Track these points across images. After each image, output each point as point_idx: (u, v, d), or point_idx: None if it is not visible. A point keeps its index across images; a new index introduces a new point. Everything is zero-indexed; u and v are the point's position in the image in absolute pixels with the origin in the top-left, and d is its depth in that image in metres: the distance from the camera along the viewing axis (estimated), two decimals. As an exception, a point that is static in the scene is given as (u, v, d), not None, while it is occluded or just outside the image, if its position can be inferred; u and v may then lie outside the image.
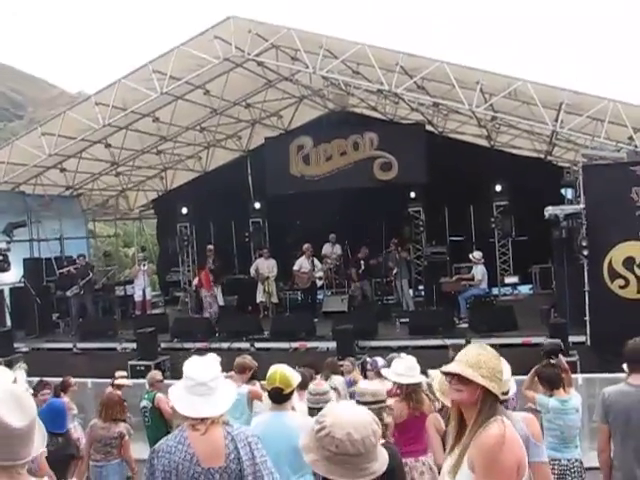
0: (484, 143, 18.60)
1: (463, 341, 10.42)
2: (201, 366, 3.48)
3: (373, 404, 4.51)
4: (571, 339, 11.41)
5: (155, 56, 13.80)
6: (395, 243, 16.31)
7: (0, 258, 14.40)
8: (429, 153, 17.06)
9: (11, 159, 15.29)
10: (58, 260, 17.74)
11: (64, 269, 16.76)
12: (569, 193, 14.55)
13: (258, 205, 19.49)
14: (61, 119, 14.75)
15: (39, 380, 8.40)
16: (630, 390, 4.56)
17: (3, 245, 14.63)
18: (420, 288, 17.98)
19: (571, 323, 11.64)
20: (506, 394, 4.06)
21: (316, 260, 16.85)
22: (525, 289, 18.59)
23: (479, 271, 14.82)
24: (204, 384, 3.37)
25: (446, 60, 12.60)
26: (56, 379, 8.91)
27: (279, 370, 4.61)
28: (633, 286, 11.49)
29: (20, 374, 7.35)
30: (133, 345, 14.01)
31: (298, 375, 4.82)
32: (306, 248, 16.64)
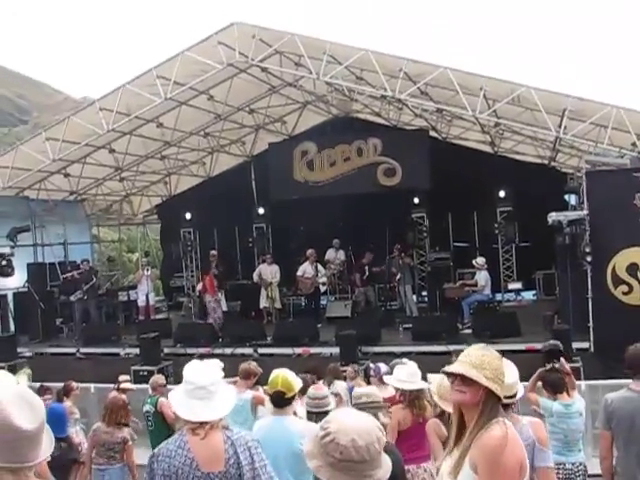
0: (488, 149, 18.59)
1: (466, 347, 10.37)
2: (201, 370, 3.48)
3: (369, 404, 4.51)
4: (574, 345, 11.37)
5: (159, 62, 13.81)
6: (398, 249, 16.28)
7: (4, 263, 14.39)
8: (433, 159, 17.02)
9: (15, 164, 15.29)
10: (62, 265, 17.76)
11: (68, 274, 16.75)
12: (572, 199, 14.52)
13: (262, 210, 19.45)
14: (65, 124, 14.75)
15: (40, 385, 8.42)
16: (633, 396, 4.55)
17: (7, 250, 14.61)
18: (423, 294, 17.97)
19: (574, 329, 11.62)
20: (514, 397, 4.04)
21: (320, 266, 16.81)
22: (528, 295, 18.55)
23: (482, 277, 14.78)
24: (204, 388, 3.37)
25: (449, 66, 12.62)
26: (59, 384, 8.94)
27: (281, 374, 4.61)
28: (636, 292, 11.46)
29: (22, 379, 7.36)
30: (136, 350, 13.99)
31: (300, 380, 4.81)
32: (310, 254, 16.61)
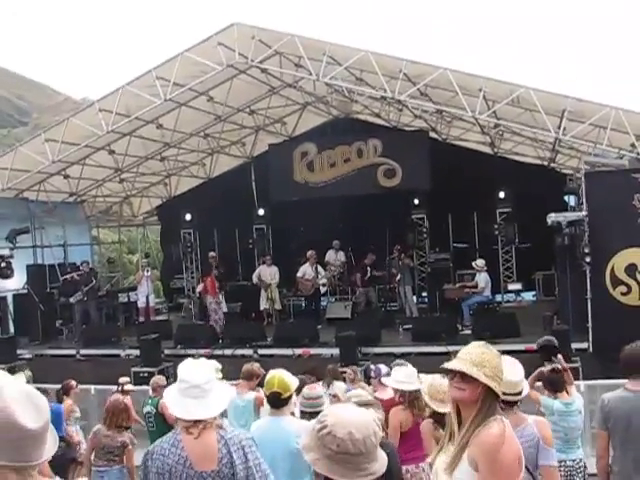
0: (487, 150, 18.59)
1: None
2: (195, 369, 3.49)
3: (358, 404, 4.53)
4: (573, 346, 11.40)
5: (159, 63, 13.81)
6: (398, 249, 16.27)
7: (3, 265, 14.37)
8: (433, 160, 17.04)
9: (15, 165, 15.28)
10: (62, 266, 17.71)
11: (67, 275, 16.72)
12: (572, 200, 14.55)
13: (262, 212, 19.45)
14: (65, 125, 14.75)
15: (37, 389, 8.41)
16: (629, 396, 4.55)
17: (6, 252, 14.60)
18: (423, 295, 18.00)
19: (573, 330, 11.66)
20: (519, 394, 4.05)
21: (320, 267, 16.82)
22: (528, 296, 18.57)
23: (482, 279, 14.79)
24: (198, 387, 3.38)
25: (449, 67, 12.62)
26: (58, 386, 8.95)
27: (277, 375, 4.62)
28: (635, 293, 11.50)
29: (20, 379, 7.34)
30: (136, 352, 14.01)
31: (296, 380, 4.82)
32: (310, 255, 16.60)
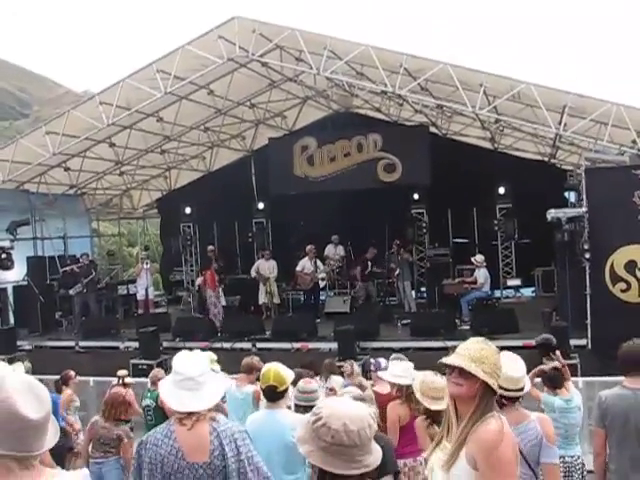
0: (488, 145, 18.58)
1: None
2: (190, 361, 3.50)
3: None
4: (572, 342, 11.42)
5: (159, 56, 13.79)
6: (398, 244, 16.27)
7: (4, 256, 14.38)
8: (433, 155, 17.02)
9: (15, 157, 15.28)
10: (61, 259, 17.72)
11: (67, 267, 16.75)
12: (572, 196, 14.51)
13: (261, 205, 19.48)
14: (65, 118, 14.74)
15: (34, 380, 8.42)
16: (627, 393, 4.54)
17: (7, 243, 14.61)
18: (422, 290, 17.95)
19: (572, 326, 11.65)
20: (521, 390, 4.07)
21: (319, 261, 16.81)
22: (527, 292, 18.56)
23: (482, 274, 14.78)
24: (192, 379, 3.40)
25: (450, 62, 12.58)
26: (56, 377, 8.98)
27: (273, 368, 4.63)
28: (634, 290, 11.49)
29: (19, 370, 7.34)
30: (135, 344, 14.04)
31: (292, 373, 4.83)
32: (309, 250, 16.57)
